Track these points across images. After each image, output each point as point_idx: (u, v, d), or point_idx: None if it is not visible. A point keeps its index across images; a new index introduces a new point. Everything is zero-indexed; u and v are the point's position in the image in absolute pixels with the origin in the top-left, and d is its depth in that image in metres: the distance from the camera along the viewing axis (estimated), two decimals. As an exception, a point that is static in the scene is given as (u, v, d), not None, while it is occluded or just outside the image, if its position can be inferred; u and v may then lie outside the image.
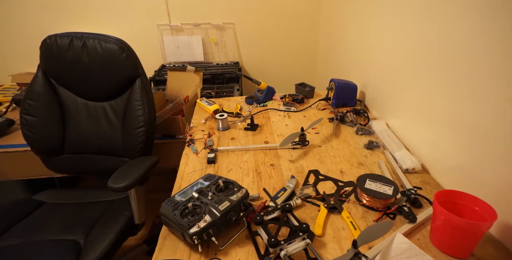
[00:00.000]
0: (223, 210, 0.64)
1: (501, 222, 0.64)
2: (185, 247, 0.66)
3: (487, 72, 0.66)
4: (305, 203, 0.78)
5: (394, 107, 1.12)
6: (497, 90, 0.64)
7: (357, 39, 1.49)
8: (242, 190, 0.71)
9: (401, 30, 1.04)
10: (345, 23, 1.67)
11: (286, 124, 1.21)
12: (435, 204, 0.61)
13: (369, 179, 0.78)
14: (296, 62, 2.39)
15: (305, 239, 0.62)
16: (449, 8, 0.78)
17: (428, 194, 0.79)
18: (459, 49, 0.75)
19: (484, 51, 0.67)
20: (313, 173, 0.90)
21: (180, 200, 0.69)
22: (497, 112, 0.64)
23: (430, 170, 0.89)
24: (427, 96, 0.90)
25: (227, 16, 2.15)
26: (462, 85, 0.74)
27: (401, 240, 0.59)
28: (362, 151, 1.00)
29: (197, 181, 0.77)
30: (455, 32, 0.76)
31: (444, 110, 0.82)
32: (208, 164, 0.95)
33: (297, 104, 1.37)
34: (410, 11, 0.97)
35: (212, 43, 2.25)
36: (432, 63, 0.86)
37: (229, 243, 0.65)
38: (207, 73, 2.02)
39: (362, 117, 1.22)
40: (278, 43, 2.30)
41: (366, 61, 1.37)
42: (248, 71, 2.41)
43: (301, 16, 2.19)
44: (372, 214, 0.73)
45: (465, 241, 0.60)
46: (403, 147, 0.97)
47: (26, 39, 2.03)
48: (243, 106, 1.36)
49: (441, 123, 0.84)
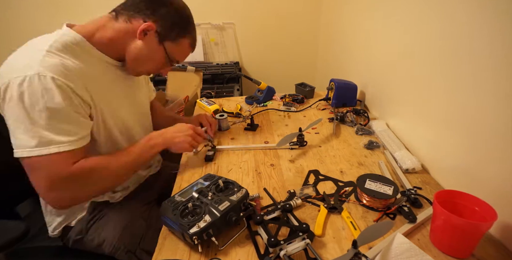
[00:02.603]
0: (223, 210, 0.64)
1: (501, 222, 0.64)
2: (185, 247, 0.66)
3: (488, 72, 0.66)
4: (305, 203, 0.78)
5: (394, 107, 1.12)
6: (497, 90, 0.64)
7: (357, 39, 1.49)
8: (242, 190, 0.71)
9: (401, 29, 1.04)
10: (345, 23, 1.67)
11: (286, 124, 1.21)
12: (435, 204, 0.61)
13: (369, 179, 0.78)
14: (296, 62, 2.39)
15: (305, 239, 0.62)
16: (449, 8, 0.78)
17: (428, 194, 0.79)
18: (460, 49, 0.75)
19: (485, 51, 0.67)
20: (313, 173, 0.90)
21: (180, 200, 0.69)
22: (497, 112, 0.64)
23: (430, 170, 0.89)
24: (427, 96, 0.89)
25: (227, 16, 2.15)
26: (463, 85, 0.74)
27: (401, 240, 0.59)
28: (362, 151, 1.00)
29: (197, 181, 0.77)
30: (455, 32, 0.76)
31: (444, 110, 0.82)
32: (206, 161, 0.95)
33: (297, 104, 1.37)
34: (410, 11, 0.97)
35: (212, 43, 2.25)
36: (433, 63, 0.86)
37: (229, 243, 0.65)
38: (207, 73, 2.02)
39: (362, 117, 1.22)
40: (278, 43, 2.30)
41: (366, 61, 1.37)
42: (248, 71, 2.41)
43: (301, 16, 2.19)
44: (372, 214, 0.73)
45: (465, 241, 0.60)
46: (403, 147, 0.97)
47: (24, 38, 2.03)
48: (243, 106, 1.36)
49: (441, 123, 0.84)
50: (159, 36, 0.74)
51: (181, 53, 0.81)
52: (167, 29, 0.74)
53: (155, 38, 0.74)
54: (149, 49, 0.75)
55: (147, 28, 0.72)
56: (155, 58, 0.78)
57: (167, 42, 0.76)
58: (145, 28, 0.71)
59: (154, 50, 0.76)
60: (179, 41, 0.77)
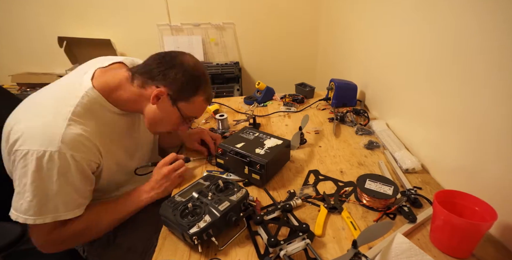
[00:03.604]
0: (223, 210, 0.64)
1: (501, 222, 0.64)
2: (185, 247, 0.66)
3: (488, 72, 0.66)
4: (305, 203, 0.78)
5: (394, 107, 1.12)
6: (498, 90, 0.64)
7: (357, 39, 1.49)
8: (242, 190, 0.71)
9: (401, 29, 1.04)
10: (345, 23, 1.67)
11: (286, 124, 1.21)
12: (435, 204, 0.61)
13: (369, 179, 0.78)
14: (296, 62, 2.39)
15: (304, 239, 0.62)
16: (449, 8, 0.78)
17: (428, 194, 0.79)
18: (460, 49, 0.75)
19: (485, 51, 0.67)
20: (313, 173, 0.90)
21: (180, 200, 0.69)
22: (497, 112, 0.64)
23: (430, 170, 0.89)
24: (427, 96, 0.89)
25: (227, 16, 2.15)
26: (463, 85, 0.74)
27: (401, 240, 0.59)
28: (362, 151, 1.00)
29: (197, 181, 0.77)
30: (456, 32, 0.76)
31: (444, 110, 0.82)
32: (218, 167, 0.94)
33: (297, 104, 1.37)
34: (410, 11, 0.97)
35: (212, 43, 2.25)
36: (433, 63, 0.86)
37: (229, 243, 0.65)
38: (207, 73, 2.02)
39: (362, 117, 1.22)
40: (278, 43, 2.30)
41: (366, 61, 1.37)
42: (248, 71, 2.41)
43: (301, 16, 2.19)
44: (372, 214, 0.73)
45: (465, 241, 0.60)
46: (403, 147, 0.97)
47: (26, 39, 2.03)
48: (242, 107, 1.36)
49: (441, 123, 0.84)
50: (171, 99, 0.75)
51: (196, 110, 0.82)
52: (178, 92, 0.75)
53: (168, 101, 0.75)
54: (164, 112, 0.76)
55: (159, 94, 0.73)
56: (170, 120, 0.79)
57: (180, 103, 0.77)
58: (157, 93, 0.73)
59: (169, 112, 0.77)
60: (192, 100, 0.77)
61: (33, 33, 2.02)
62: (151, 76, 0.74)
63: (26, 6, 1.95)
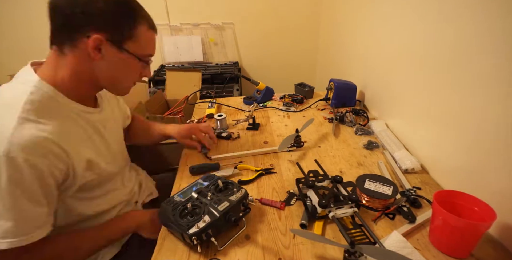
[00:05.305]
0: (223, 210, 0.64)
1: (500, 222, 0.64)
2: (184, 248, 0.66)
3: (489, 72, 0.66)
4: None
5: (394, 108, 1.12)
6: (498, 90, 0.64)
7: (356, 39, 1.49)
8: (241, 190, 0.71)
9: (400, 29, 1.04)
10: (345, 23, 1.67)
11: (286, 124, 1.21)
12: (435, 204, 0.61)
13: (368, 179, 0.78)
14: (295, 62, 2.39)
15: (353, 207, 0.68)
16: (449, 7, 0.78)
17: (428, 194, 0.79)
18: (460, 49, 0.75)
19: (486, 51, 0.67)
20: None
21: (179, 200, 0.69)
22: (497, 113, 0.64)
23: (429, 170, 0.89)
24: (427, 96, 0.90)
25: (227, 16, 2.15)
26: (463, 85, 0.74)
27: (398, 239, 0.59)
28: (362, 151, 1.01)
29: (196, 181, 0.77)
30: (456, 31, 0.76)
31: (444, 110, 0.82)
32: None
33: (296, 105, 1.37)
34: (410, 11, 0.97)
35: (212, 43, 2.25)
36: (432, 63, 0.86)
37: (229, 244, 0.65)
38: (206, 74, 2.02)
39: (362, 117, 1.22)
40: (278, 43, 2.30)
41: (366, 62, 1.37)
42: (247, 71, 2.41)
43: (300, 16, 2.19)
44: (371, 214, 0.73)
45: (464, 241, 0.60)
46: (402, 147, 0.97)
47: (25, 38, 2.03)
48: (242, 107, 1.36)
49: (440, 124, 0.84)
50: (114, 44, 0.61)
51: (147, 44, 0.67)
52: (115, 30, 0.60)
53: (111, 47, 0.61)
54: (115, 63, 0.64)
55: (96, 42, 0.58)
56: (128, 68, 0.66)
57: (126, 44, 0.62)
58: (94, 43, 0.58)
59: (121, 60, 0.64)
60: (136, 33, 0.62)
61: (32, 32, 2.01)
62: (72, 26, 0.58)
63: (26, 5, 1.95)
